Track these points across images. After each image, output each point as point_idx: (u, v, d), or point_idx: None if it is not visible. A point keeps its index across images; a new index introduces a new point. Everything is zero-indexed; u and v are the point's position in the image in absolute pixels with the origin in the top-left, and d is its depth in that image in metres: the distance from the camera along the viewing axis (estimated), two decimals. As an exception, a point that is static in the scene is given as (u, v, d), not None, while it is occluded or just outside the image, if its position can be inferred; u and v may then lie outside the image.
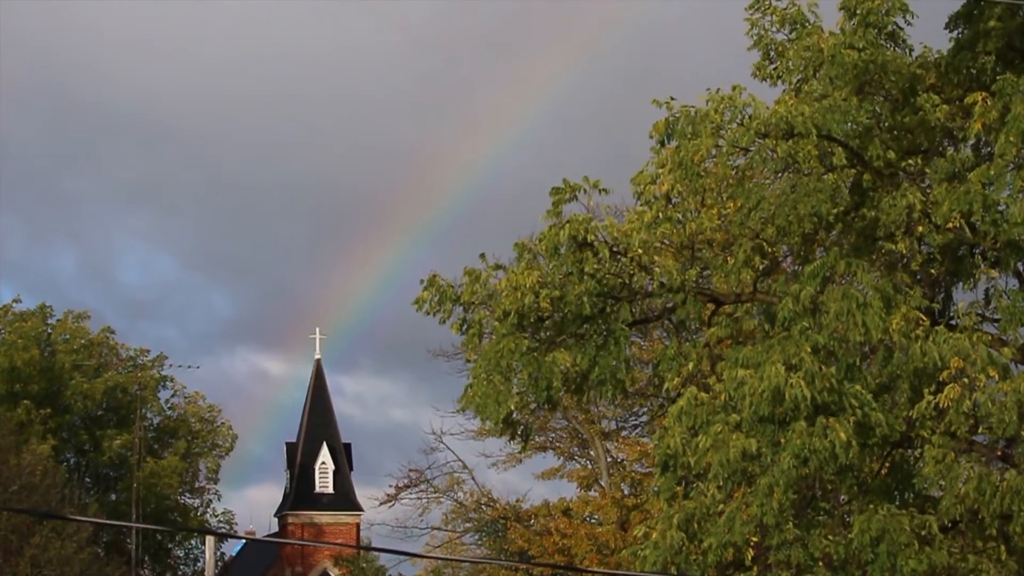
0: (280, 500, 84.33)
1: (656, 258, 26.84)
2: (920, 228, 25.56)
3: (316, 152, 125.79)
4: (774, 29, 26.85)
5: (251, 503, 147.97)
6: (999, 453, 25.16)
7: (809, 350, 23.58)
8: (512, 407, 26.00)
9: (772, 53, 26.90)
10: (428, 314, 26.88)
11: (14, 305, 78.56)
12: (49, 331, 78.73)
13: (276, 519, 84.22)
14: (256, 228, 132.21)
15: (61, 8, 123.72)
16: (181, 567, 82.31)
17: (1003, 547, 24.32)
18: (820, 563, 23.92)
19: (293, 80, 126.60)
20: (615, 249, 26.55)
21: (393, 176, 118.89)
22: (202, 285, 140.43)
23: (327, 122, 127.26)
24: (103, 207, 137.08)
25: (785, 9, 26.71)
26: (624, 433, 62.75)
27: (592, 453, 63.03)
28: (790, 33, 26.67)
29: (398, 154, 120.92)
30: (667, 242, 27.67)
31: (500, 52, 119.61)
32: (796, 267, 27.55)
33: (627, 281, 26.69)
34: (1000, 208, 24.58)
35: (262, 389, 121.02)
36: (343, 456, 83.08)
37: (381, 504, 70.51)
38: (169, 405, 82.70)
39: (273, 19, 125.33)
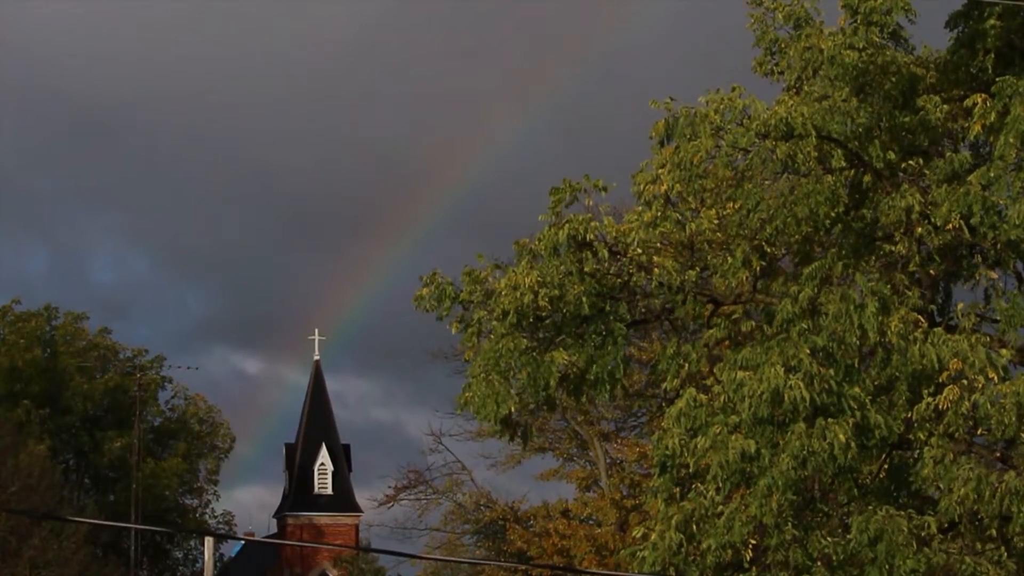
0: (279, 501, 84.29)
1: (655, 258, 26.83)
2: (919, 229, 25.55)
3: (291, 148, 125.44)
4: (776, 25, 26.84)
5: (246, 504, 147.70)
6: (998, 454, 25.14)
7: (808, 352, 23.56)
8: (511, 407, 25.98)
9: (774, 49, 26.90)
10: (427, 311, 26.90)
11: (14, 306, 78.63)
12: (52, 332, 78.72)
13: (275, 520, 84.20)
14: (232, 226, 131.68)
15: (29, 7, 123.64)
16: (180, 568, 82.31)
17: (1003, 548, 24.29)
18: (819, 563, 23.89)
19: (267, 76, 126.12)
20: (614, 249, 26.55)
21: (373, 173, 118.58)
22: (178, 283, 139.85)
23: (302, 118, 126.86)
24: (72, 206, 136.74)
25: (789, 5, 26.69)
26: (623, 434, 62.83)
27: (591, 454, 63.03)
28: (793, 30, 26.66)
29: (375, 150, 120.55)
30: (666, 242, 27.64)
31: (471, 46, 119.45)
32: (795, 268, 27.52)
33: (626, 281, 26.68)
34: (999, 209, 24.57)
35: (250, 390, 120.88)
36: (342, 457, 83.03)
37: (380, 505, 70.65)
38: (170, 406, 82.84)
39: (251, 15, 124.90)
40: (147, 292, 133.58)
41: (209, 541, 46.73)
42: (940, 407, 23.53)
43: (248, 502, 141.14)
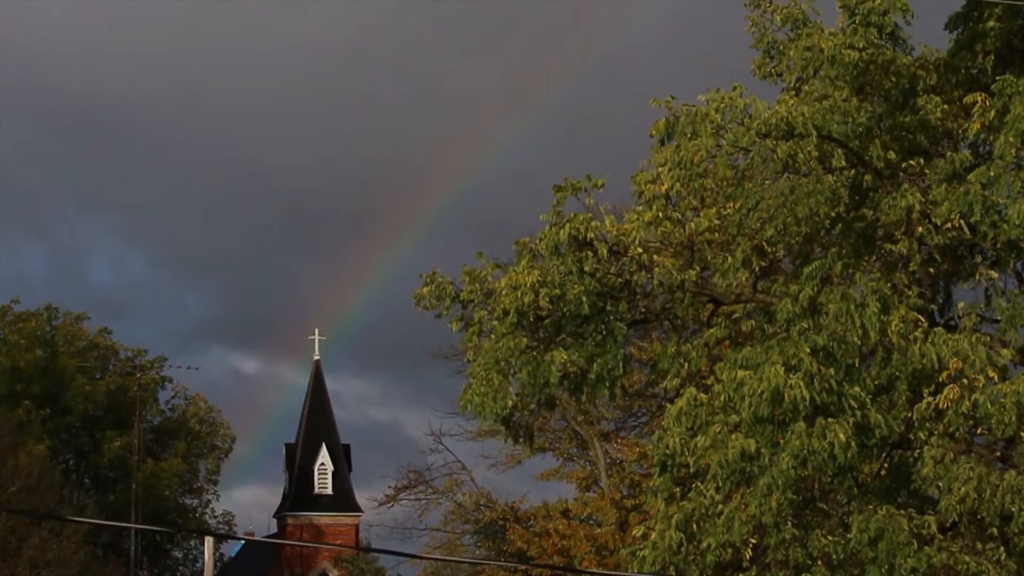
0: (279, 501, 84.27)
1: (656, 258, 26.85)
2: (920, 229, 25.56)
3: (291, 148, 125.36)
4: (775, 27, 26.87)
5: (246, 504, 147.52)
6: (998, 454, 25.15)
7: (808, 351, 23.57)
8: (509, 403, 26.00)
9: (772, 51, 26.92)
10: (427, 310, 26.93)
11: (13, 305, 78.61)
12: (52, 332, 78.71)
13: (275, 520, 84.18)
14: (232, 225, 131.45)
15: (29, 7, 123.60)
16: (180, 568, 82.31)
17: (1003, 548, 24.30)
18: (819, 563, 23.90)
19: (267, 76, 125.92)
20: (615, 248, 26.57)
21: (373, 173, 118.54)
22: (176, 283, 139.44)
23: (302, 118, 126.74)
24: (71, 205, 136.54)
25: (787, 8, 26.71)
26: (623, 434, 62.79)
27: (591, 454, 63.00)
28: (791, 32, 26.68)
29: (375, 150, 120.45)
30: (666, 242, 27.67)
31: (471, 46, 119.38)
32: (796, 267, 27.53)
33: (627, 280, 26.70)
34: (999, 209, 24.57)
35: (249, 390, 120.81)
36: (342, 457, 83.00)
37: (380, 505, 70.63)
38: (170, 406, 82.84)
39: (251, 15, 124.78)
40: (146, 292, 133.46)
41: (209, 541, 46.72)
42: (940, 406, 23.54)
43: (248, 502, 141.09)
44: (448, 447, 68.41)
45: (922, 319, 24.78)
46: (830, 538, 24.04)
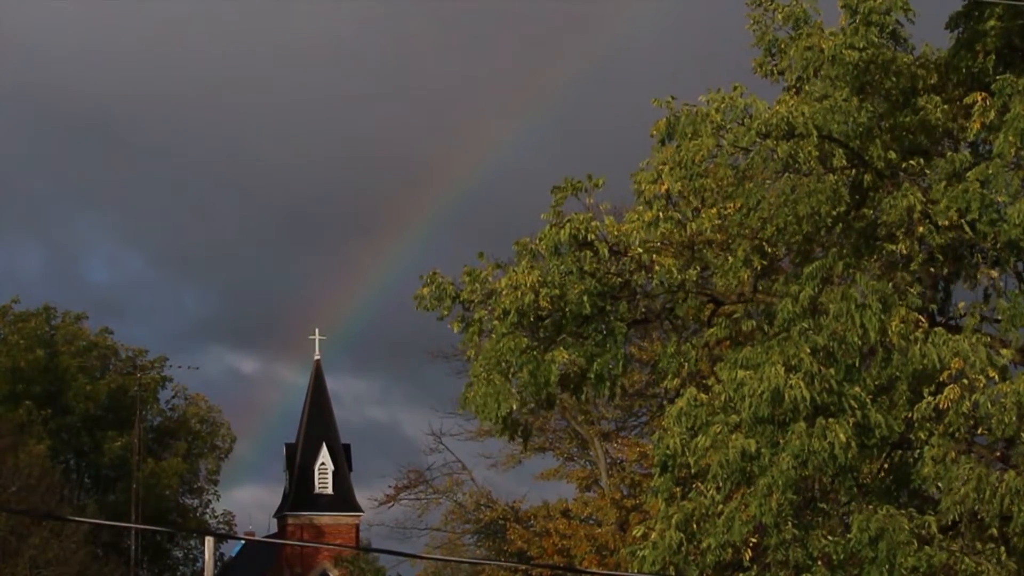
0: (279, 501, 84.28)
1: (656, 257, 26.84)
2: (920, 229, 25.55)
3: (291, 148, 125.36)
4: (776, 26, 26.87)
5: (246, 504, 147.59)
6: (998, 454, 25.14)
7: (808, 351, 23.57)
8: (512, 406, 26.02)
9: (773, 50, 26.93)
10: (427, 311, 26.93)
11: (13, 305, 78.59)
12: (52, 332, 78.70)
13: (275, 520, 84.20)
14: (230, 225, 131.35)
15: (29, 7, 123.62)
16: (180, 568, 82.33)
17: (1003, 548, 24.30)
18: (819, 563, 23.90)
19: (267, 76, 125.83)
20: (615, 248, 26.58)
21: (373, 173, 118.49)
22: (174, 283, 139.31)
23: (302, 118, 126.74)
24: (68, 205, 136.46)
25: (788, 6, 26.72)
26: (623, 434, 62.78)
27: (591, 454, 63.01)
28: (792, 31, 26.68)
29: (375, 150, 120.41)
30: (667, 242, 27.67)
31: (471, 46, 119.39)
32: (796, 267, 27.53)
33: (627, 280, 26.71)
34: (998, 208, 24.57)
35: (249, 390, 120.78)
36: (343, 457, 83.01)
37: (380, 505, 70.66)
38: (170, 406, 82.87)
39: (250, 15, 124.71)
40: (143, 292, 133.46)
41: (209, 541, 46.77)
42: (941, 407, 23.53)
43: (248, 502, 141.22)
44: (448, 447, 68.52)
45: (922, 319, 24.79)
46: (830, 538, 24.04)
